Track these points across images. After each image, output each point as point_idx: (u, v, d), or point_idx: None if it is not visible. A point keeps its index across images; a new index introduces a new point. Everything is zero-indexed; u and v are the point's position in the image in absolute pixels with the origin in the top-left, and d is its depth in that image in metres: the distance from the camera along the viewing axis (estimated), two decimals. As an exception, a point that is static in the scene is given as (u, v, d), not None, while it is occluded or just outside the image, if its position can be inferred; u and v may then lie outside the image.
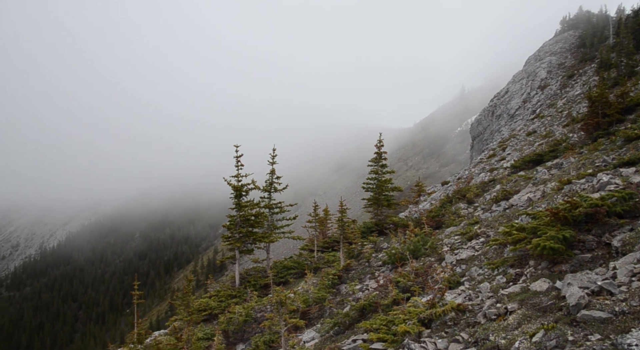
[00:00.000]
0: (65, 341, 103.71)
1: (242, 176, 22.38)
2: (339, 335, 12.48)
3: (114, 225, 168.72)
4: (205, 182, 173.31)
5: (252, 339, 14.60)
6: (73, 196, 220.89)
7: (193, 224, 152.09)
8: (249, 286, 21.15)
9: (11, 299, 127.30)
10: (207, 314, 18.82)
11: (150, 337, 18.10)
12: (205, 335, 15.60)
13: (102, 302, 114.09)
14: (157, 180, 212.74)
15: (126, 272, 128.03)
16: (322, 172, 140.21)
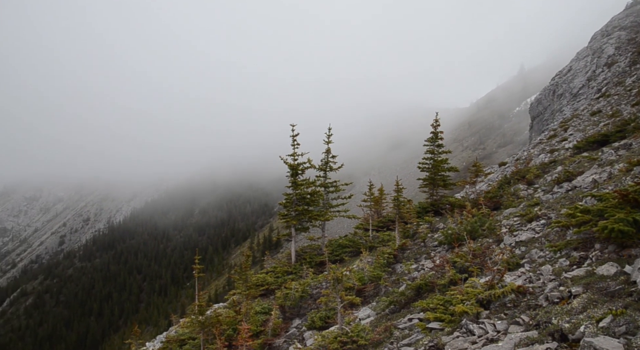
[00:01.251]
0: (131, 310, 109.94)
1: (298, 155, 22.61)
2: (395, 313, 12.55)
3: (174, 203, 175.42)
4: (262, 161, 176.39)
5: (308, 314, 14.94)
6: (137, 174, 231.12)
7: (249, 202, 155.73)
8: (305, 263, 21.54)
9: (84, 269, 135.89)
10: (264, 289, 19.38)
11: (211, 309, 18.85)
12: (263, 309, 16.10)
13: (164, 275, 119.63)
14: (216, 160, 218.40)
15: (186, 247, 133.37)
16: (376, 152, 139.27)
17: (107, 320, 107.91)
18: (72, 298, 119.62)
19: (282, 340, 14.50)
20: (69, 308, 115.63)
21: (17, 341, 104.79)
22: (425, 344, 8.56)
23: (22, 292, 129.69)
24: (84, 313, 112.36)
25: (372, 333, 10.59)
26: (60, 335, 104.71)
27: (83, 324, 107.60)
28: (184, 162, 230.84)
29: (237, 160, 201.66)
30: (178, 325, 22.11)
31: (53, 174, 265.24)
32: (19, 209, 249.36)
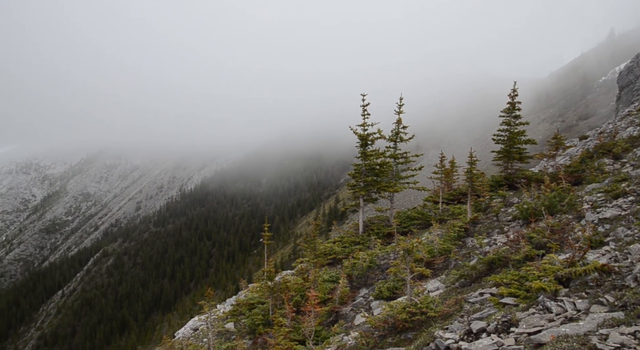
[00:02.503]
0: (201, 274, 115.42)
1: (368, 125, 22.35)
2: (465, 287, 12.29)
3: (243, 172, 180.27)
4: (330, 132, 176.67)
5: (376, 284, 14.96)
6: (207, 145, 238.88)
7: (316, 172, 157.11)
8: (372, 234, 21.51)
9: (158, 234, 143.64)
10: (332, 258, 19.59)
11: (279, 275, 19.34)
12: (331, 277, 16.30)
13: (232, 242, 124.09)
14: (284, 131, 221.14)
15: (253, 216, 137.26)
16: (446, 123, 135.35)
17: (179, 282, 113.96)
18: (147, 260, 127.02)
19: (349, 308, 14.66)
20: (145, 270, 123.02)
21: (100, 297, 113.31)
22: (498, 319, 8.31)
23: (104, 253, 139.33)
24: (158, 275, 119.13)
25: (441, 305, 10.43)
26: (137, 294, 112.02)
27: (157, 285, 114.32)
28: (253, 134, 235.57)
29: (305, 131, 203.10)
30: (247, 289, 22.90)
31: (130, 143, 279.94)
32: (100, 176, 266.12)
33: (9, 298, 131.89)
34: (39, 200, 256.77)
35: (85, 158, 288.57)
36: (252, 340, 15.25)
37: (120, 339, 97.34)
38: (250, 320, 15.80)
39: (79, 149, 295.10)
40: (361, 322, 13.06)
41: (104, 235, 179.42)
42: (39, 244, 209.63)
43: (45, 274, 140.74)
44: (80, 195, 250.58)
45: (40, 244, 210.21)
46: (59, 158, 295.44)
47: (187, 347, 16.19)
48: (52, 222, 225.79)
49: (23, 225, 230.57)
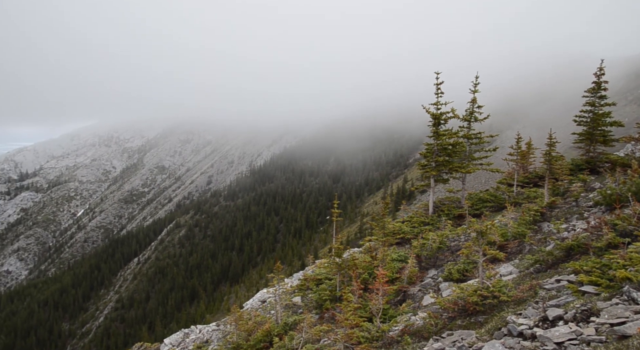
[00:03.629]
0: (268, 249, 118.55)
1: (441, 104, 21.79)
2: (540, 273, 11.86)
3: (311, 149, 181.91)
4: (401, 111, 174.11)
5: (445, 266, 14.75)
6: (276, 121, 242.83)
7: (385, 152, 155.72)
8: (443, 215, 21.14)
9: (227, 207, 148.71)
10: (400, 238, 19.47)
11: (347, 252, 19.50)
12: (399, 257, 16.22)
13: (299, 218, 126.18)
14: (352, 110, 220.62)
15: (321, 194, 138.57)
16: (521, 104, 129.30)
17: (246, 255, 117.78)
18: (217, 233, 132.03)
19: (417, 288, 14.57)
20: (214, 242, 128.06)
21: (172, 266, 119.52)
22: (576, 307, 7.95)
23: (177, 224, 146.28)
24: (227, 247, 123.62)
25: (514, 290, 10.13)
26: (206, 265, 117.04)
27: (226, 257, 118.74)
28: (321, 112, 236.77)
29: (374, 111, 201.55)
30: (314, 265, 23.33)
31: (203, 119, 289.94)
32: (175, 150, 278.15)
33: (91, 262, 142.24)
34: (119, 172, 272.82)
35: (161, 132, 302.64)
36: (319, 315, 15.56)
37: (190, 307, 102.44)
38: (318, 295, 16.10)
39: (156, 124, 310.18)
40: (429, 303, 12.96)
41: (177, 207, 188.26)
42: (118, 213, 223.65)
43: (123, 242, 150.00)
44: (155, 168, 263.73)
45: (119, 213, 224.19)
46: (137, 132, 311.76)
47: (256, 317, 16.79)
48: (130, 192, 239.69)
49: (104, 195, 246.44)
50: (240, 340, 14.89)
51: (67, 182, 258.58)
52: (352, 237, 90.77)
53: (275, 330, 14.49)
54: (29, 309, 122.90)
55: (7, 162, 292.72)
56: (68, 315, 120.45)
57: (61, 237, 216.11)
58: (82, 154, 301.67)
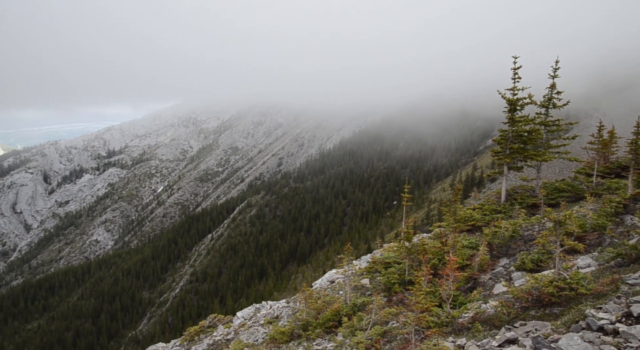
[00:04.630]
0: (335, 231, 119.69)
1: (518, 89, 20.96)
2: (622, 267, 11.31)
3: (380, 134, 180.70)
4: (469, 98, 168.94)
5: (518, 255, 14.39)
6: (346, 106, 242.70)
7: (455, 138, 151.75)
8: (516, 203, 20.50)
9: (297, 189, 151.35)
10: (471, 225, 19.13)
11: (417, 237, 19.44)
12: (470, 244, 15.99)
13: (366, 202, 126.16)
14: (420, 95, 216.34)
15: (388, 179, 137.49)
16: (602, 92, 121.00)
17: (314, 237, 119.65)
18: (286, 214, 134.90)
19: (487, 276, 14.34)
20: (284, 222, 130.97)
21: (243, 244, 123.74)
22: (663, 305, 7.60)
23: (248, 204, 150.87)
24: (295, 228, 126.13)
25: (594, 283, 9.77)
26: (275, 244, 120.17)
27: (294, 238, 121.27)
28: (390, 97, 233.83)
29: (443, 97, 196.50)
30: (382, 249, 23.44)
31: (275, 102, 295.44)
32: (248, 132, 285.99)
33: (169, 236, 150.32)
34: (195, 152, 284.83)
35: (235, 114, 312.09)
36: (387, 298, 15.71)
37: (259, 284, 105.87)
38: (386, 278, 16.24)
39: (231, 106, 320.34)
40: (500, 292, 12.74)
41: (248, 187, 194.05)
42: (194, 191, 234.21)
43: (198, 218, 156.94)
44: (229, 148, 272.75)
45: (195, 190, 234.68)
46: (213, 114, 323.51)
47: (325, 297, 17.23)
48: (205, 172, 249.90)
49: (182, 173, 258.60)
50: (310, 318, 15.38)
51: (148, 160, 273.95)
52: (419, 223, 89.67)
53: (344, 310, 14.84)
54: (114, 276, 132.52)
55: (97, 139, 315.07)
56: (148, 285, 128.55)
57: (143, 211, 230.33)
58: (163, 133, 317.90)
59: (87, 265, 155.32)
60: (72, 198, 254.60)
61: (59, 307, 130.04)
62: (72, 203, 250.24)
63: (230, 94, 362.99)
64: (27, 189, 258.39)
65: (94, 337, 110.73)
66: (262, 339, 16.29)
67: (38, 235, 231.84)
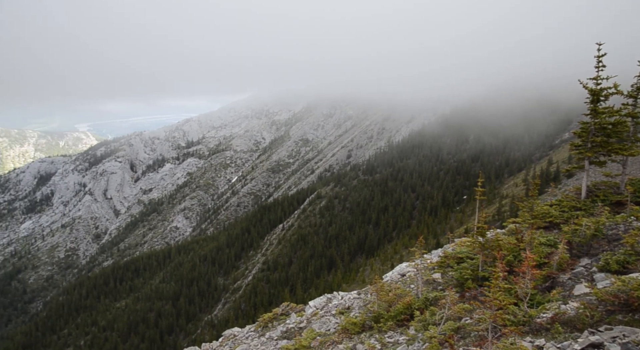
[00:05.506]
0: (404, 225, 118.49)
1: (602, 79, 19.74)
2: None
3: (449, 127, 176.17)
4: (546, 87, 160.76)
5: (601, 255, 13.76)
6: (417, 97, 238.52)
7: (528, 132, 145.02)
8: (598, 200, 19.48)
9: (365, 181, 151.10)
10: (548, 222, 18.44)
11: (491, 232, 19.02)
12: (548, 241, 15.45)
13: (435, 196, 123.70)
14: (493, 86, 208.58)
15: (458, 172, 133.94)
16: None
17: (382, 230, 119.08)
18: (355, 206, 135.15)
19: (567, 276, 13.83)
20: (352, 214, 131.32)
21: (313, 235, 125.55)
22: None
23: (318, 195, 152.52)
24: (363, 220, 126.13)
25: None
26: (344, 236, 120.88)
27: (362, 230, 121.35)
28: (461, 88, 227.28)
29: (516, 88, 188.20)
30: (454, 243, 23.11)
31: (345, 94, 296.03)
32: (318, 124, 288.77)
33: (242, 225, 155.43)
34: (267, 143, 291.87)
35: (306, 106, 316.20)
36: (460, 293, 15.56)
37: (328, 275, 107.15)
38: (459, 273, 16.07)
39: (301, 99, 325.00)
40: (582, 293, 12.28)
41: (318, 179, 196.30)
42: (266, 181, 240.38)
43: (270, 209, 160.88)
44: (300, 140, 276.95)
45: (267, 181, 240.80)
46: (285, 106, 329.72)
47: (396, 290, 17.32)
48: (277, 163, 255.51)
49: (254, 164, 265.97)
50: (381, 310, 15.56)
51: (224, 150, 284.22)
52: (490, 219, 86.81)
53: (416, 303, 14.89)
54: (192, 262, 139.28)
55: (177, 131, 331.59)
56: (223, 271, 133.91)
57: (218, 200, 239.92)
58: (237, 125, 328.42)
59: (167, 250, 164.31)
60: (154, 186, 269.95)
61: (143, 288, 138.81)
62: (155, 191, 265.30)
63: (301, 86, 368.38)
64: (116, 177, 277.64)
65: (173, 319, 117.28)
66: (333, 329, 16.69)
67: (125, 220, 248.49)
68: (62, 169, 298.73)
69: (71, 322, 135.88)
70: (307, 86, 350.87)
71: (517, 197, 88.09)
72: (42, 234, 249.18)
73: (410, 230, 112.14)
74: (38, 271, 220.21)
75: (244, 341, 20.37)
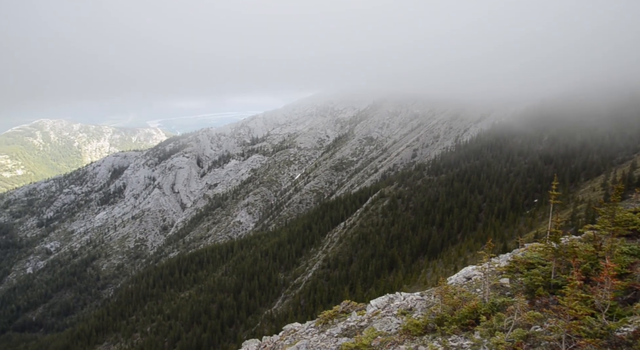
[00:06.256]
0: (469, 227, 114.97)
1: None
2: None
3: (522, 126, 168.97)
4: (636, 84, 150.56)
5: (692, 268, 12.66)
6: (487, 96, 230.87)
7: (609, 133, 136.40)
8: (690, 209, 17.96)
9: (430, 182, 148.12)
10: (631, 230, 17.19)
11: (566, 238, 18.02)
12: (631, 250, 14.40)
13: (504, 199, 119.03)
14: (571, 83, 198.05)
15: (529, 175, 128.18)
16: None
17: (446, 231, 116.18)
18: (418, 206, 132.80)
19: (652, 288, 12.83)
20: (416, 214, 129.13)
21: (374, 234, 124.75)
22: None
23: (381, 194, 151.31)
24: (427, 221, 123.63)
25: None
26: (406, 236, 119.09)
27: (426, 231, 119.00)
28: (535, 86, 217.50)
29: (599, 86, 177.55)
30: (524, 248, 22.10)
31: (412, 92, 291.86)
32: (383, 122, 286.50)
33: (304, 222, 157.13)
34: (331, 141, 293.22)
35: (371, 105, 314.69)
36: (530, 300, 14.85)
37: (388, 275, 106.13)
38: (529, 279, 15.32)
39: (367, 97, 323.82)
40: (669, 307, 11.34)
41: (382, 178, 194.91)
42: (329, 179, 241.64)
43: (332, 206, 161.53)
44: (364, 138, 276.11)
45: (330, 179, 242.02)
46: (350, 104, 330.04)
47: (461, 293, 16.80)
48: (340, 161, 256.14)
49: (318, 162, 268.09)
50: (445, 313, 15.13)
51: (288, 147, 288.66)
52: (564, 225, 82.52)
53: (482, 308, 14.35)
54: (254, 256, 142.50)
55: (243, 127, 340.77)
56: (283, 267, 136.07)
57: (281, 196, 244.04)
58: (302, 122, 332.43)
59: (230, 244, 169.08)
60: (219, 181, 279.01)
61: (206, 280, 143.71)
62: (220, 186, 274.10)
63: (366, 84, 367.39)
64: (184, 172, 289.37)
65: (234, 311, 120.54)
66: (395, 329, 16.43)
67: (191, 213, 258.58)
68: (133, 163, 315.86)
69: (139, 309, 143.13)
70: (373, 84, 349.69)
71: (594, 202, 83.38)
72: (114, 225, 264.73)
73: (475, 233, 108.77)
74: (110, 259, 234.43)
75: (304, 336, 20.52)
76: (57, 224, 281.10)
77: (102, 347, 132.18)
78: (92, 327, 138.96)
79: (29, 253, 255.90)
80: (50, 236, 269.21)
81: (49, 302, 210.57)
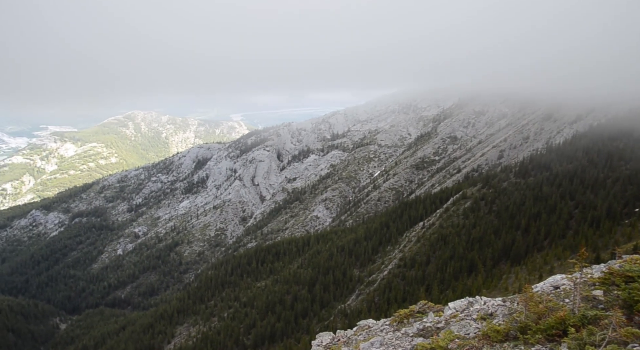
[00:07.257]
0: (558, 235, 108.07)
1: None
2: None
3: (625, 129, 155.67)
4: None
5: None
6: (584, 95, 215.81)
7: None
8: None
9: (517, 185, 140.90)
10: None
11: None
12: None
13: (599, 206, 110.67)
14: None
15: (631, 182, 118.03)
16: None
17: (532, 237, 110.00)
18: (503, 209, 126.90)
19: None
20: (499, 218, 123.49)
21: (454, 236, 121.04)
22: None
23: (463, 195, 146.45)
24: (511, 225, 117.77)
25: None
26: (488, 240, 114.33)
27: (509, 236, 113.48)
28: None
29: None
30: (621, 260, 20.40)
31: (500, 90, 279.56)
32: (468, 121, 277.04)
33: (382, 220, 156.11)
34: (413, 139, 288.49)
35: (457, 103, 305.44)
36: (627, 316, 13.63)
37: (467, 278, 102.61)
38: (627, 293, 14.05)
39: (452, 94, 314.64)
40: None
41: (464, 179, 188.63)
42: (409, 178, 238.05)
43: (411, 205, 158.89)
44: (448, 137, 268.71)
45: (410, 177, 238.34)
46: (434, 102, 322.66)
47: (547, 302, 15.77)
48: (422, 159, 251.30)
49: (398, 160, 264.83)
50: (529, 321, 14.28)
51: (368, 144, 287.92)
52: (670, 238, 75.50)
53: (571, 319, 13.36)
54: (330, 251, 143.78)
55: (323, 123, 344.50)
56: (359, 263, 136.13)
57: (359, 193, 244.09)
58: (383, 119, 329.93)
59: (307, 238, 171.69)
60: (298, 175, 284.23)
61: (282, 271, 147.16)
62: (299, 180, 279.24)
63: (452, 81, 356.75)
64: (264, 165, 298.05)
65: (308, 303, 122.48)
66: (473, 334, 15.78)
67: (269, 206, 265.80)
68: (216, 155, 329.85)
69: (217, 294, 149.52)
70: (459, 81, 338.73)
71: None
72: (196, 213, 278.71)
73: (564, 241, 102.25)
74: (192, 246, 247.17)
75: (379, 333, 20.29)
76: (144, 209, 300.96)
77: (182, 328, 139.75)
78: (174, 309, 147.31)
79: (119, 236, 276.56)
80: (138, 221, 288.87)
81: (136, 282, 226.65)
